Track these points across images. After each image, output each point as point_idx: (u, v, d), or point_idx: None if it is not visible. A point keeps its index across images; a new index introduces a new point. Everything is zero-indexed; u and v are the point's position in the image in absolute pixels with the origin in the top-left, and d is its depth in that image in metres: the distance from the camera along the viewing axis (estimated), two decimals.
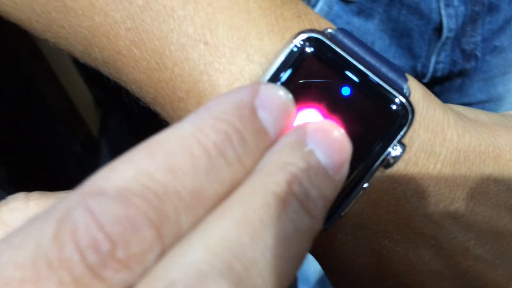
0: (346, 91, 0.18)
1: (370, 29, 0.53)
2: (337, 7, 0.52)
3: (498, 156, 0.20)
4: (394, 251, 0.20)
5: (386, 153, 0.18)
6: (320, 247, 0.20)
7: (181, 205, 0.12)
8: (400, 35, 0.54)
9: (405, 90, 0.18)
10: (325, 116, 0.18)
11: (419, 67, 0.58)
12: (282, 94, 0.15)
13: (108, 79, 0.22)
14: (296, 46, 0.18)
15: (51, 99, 1.16)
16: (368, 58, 0.18)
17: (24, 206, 0.17)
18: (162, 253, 0.12)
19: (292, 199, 0.13)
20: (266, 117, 0.14)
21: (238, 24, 0.18)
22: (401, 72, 0.18)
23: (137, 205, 0.11)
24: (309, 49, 0.18)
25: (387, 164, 0.18)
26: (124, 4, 0.19)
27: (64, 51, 0.22)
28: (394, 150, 0.18)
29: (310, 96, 0.18)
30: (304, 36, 0.18)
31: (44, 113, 1.14)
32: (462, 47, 0.56)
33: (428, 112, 0.19)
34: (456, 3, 0.53)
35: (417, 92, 0.19)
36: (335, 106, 0.18)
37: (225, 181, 0.13)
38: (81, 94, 1.30)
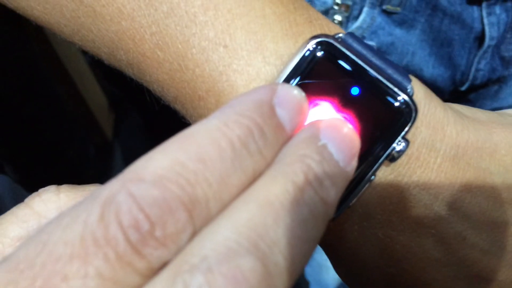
0: (355, 90, 0.19)
1: (411, 40, 0.53)
2: (380, 19, 0.51)
3: (494, 152, 0.21)
4: (397, 240, 0.21)
5: (391, 148, 0.19)
6: (328, 236, 0.22)
7: (210, 191, 0.13)
8: (440, 44, 0.54)
9: (409, 90, 0.20)
10: (337, 114, 0.19)
11: (458, 76, 0.57)
12: (297, 93, 0.16)
13: (123, 82, 0.23)
14: (309, 50, 0.19)
15: (67, 103, 1.16)
16: (375, 60, 0.20)
17: (56, 198, 0.18)
18: (193, 234, 0.13)
19: (308, 187, 0.14)
20: (283, 114, 0.15)
21: (255, 28, 0.20)
22: (405, 74, 0.20)
23: (172, 190, 0.13)
24: (320, 53, 0.19)
25: (392, 158, 0.19)
26: (150, 11, 0.20)
27: (87, 54, 0.24)
28: (399, 145, 0.19)
29: (322, 95, 0.19)
30: (316, 40, 0.19)
31: (61, 117, 1.14)
32: (502, 54, 0.56)
33: (429, 110, 0.20)
34: (498, 11, 0.53)
35: (419, 92, 0.21)
36: (345, 105, 0.19)
37: (248, 170, 0.14)
38: (95, 98, 1.30)
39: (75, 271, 0.12)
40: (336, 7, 0.50)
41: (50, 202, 0.18)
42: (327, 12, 0.51)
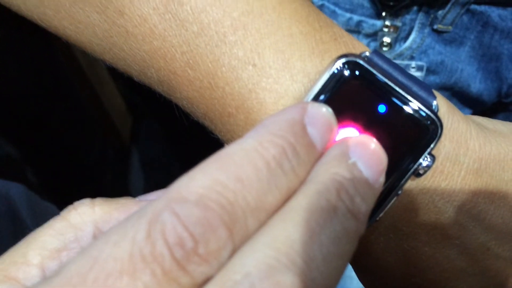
0: (382, 108, 0.20)
1: (461, 56, 0.51)
2: (430, 39, 0.50)
3: None
4: (422, 251, 0.21)
5: (418, 163, 0.19)
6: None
7: (248, 209, 0.14)
8: (489, 59, 0.53)
9: (434, 107, 0.20)
10: (364, 131, 0.19)
11: (504, 89, 0.56)
12: (326, 111, 0.17)
13: (141, 89, 0.24)
14: (336, 69, 0.19)
15: (87, 107, 1.16)
16: (401, 78, 0.20)
17: (91, 211, 0.18)
18: (233, 250, 0.14)
19: (341, 204, 0.15)
20: (314, 132, 0.16)
21: (283, 47, 0.20)
22: (430, 90, 0.20)
23: (214, 209, 0.13)
24: (348, 72, 0.19)
25: (418, 173, 0.20)
26: (181, 31, 0.21)
27: (104, 65, 0.24)
28: (425, 161, 0.19)
29: (350, 114, 0.19)
30: (344, 60, 0.19)
31: (80, 121, 1.14)
32: None
33: (452, 124, 0.21)
34: None
35: (443, 107, 0.21)
36: (373, 122, 0.19)
37: (283, 189, 0.15)
38: (114, 102, 1.30)
39: (125, 286, 0.12)
40: (385, 29, 0.49)
41: (85, 215, 0.18)
42: (376, 34, 0.49)
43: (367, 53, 0.20)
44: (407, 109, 0.19)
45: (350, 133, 0.19)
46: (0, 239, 0.47)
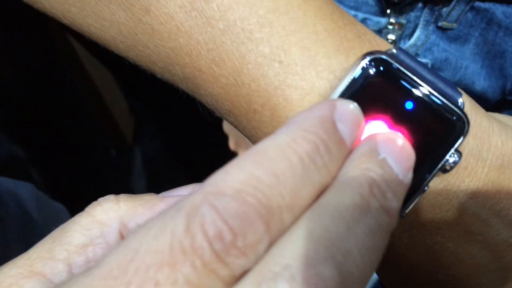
0: (409, 105, 0.20)
1: (465, 54, 0.52)
2: (434, 36, 0.50)
3: None
4: (445, 247, 0.21)
5: (445, 159, 0.20)
6: None
7: (283, 204, 0.14)
8: (493, 56, 0.53)
9: (460, 103, 0.20)
10: (391, 128, 0.20)
11: (508, 86, 0.56)
12: (354, 108, 0.17)
13: (143, 93, 0.25)
14: (364, 66, 0.19)
15: (90, 108, 1.16)
16: (426, 74, 0.20)
17: (116, 207, 0.19)
18: (270, 244, 0.14)
19: (373, 199, 0.15)
20: (343, 129, 0.16)
21: (308, 44, 0.20)
22: (455, 88, 0.20)
23: (251, 203, 0.14)
24: (375, 68, 0.19)
25: (445, 169, 0.20)
26: (207, 28, 0.21)
27: (106, 67, 0.24)
28: (452, 157, 0.20)
29: (378, 110, 0.20)
30: (371, 57, 0.20)
31: (83, 121, 1.15)
32: None
33: (475, 121, 0.21)
34: None
35: (466, 104, 0.21)
36: (401, 119, 0.20)
37: (316, 184, 0.15)
38: (116, 103, 1.30)
39: (166, 277, 0.13)
40: (390, 27, 0.49)
41: (111, 211, 0.18)
42: (381, 32, 0.50)
43: (394, 50, 0.20)
44: (434, 105, 0.20)
45: (378, 128, 0.19)
46: (11, 237, 0.47)
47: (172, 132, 1.30)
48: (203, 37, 0.21)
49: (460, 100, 0.20)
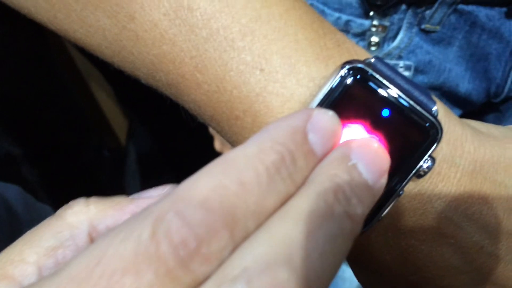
0: (385, 112, 0.20)
1: (448, 56, 0.52)
2: (418, 38, 0.50)
3: (508, 166, 0.23)
4: (419, 249, 0.22)
5: (419, 165, 0.20)
6: (355, 247, 0.22)
7: (248, 212, 0.14)
8: (477, 59, 0.53)
9: (434, 112, 0.21)
10: (367, 134, 0.20)
11: (493, 89, 0.56)
12: (330, 118, 0.17)
13: (135, 94, 0.24)
14: (342, 75, 0.20)
15: (83, 109, 1.17)
16: (403, 83, 0.21)
17: (86, 209, 0.19)
18: (234, 249, 0.14)
19: (337, 205, 0.15)
20: (315, 139, 0.16)
21: (289, 53, 0.21)
22: (429, 96, 0.21)
23: (217, 211, 0.14)
24: (353, 77, 0.20)
25: (419, 175, 0.21)
26: (190, 36, 0.21)
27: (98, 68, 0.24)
28: (426, 163, 0.20)
29: (354, 117, 0.20)
30: (349, 66, 0.20)
31: (77, 122, 1.15)
32: None
33: (449, 128, 0.22)
34: None
35: (440, 111, 0.22)
36: (377, 126, 0.20)
37: (281, 193, 0.15)
38: (110, 104, 1.30)
39: (129, 283, 0.13)
40: (373, 29, 0.49)
41: (81, 214, 0.19)
42: (364, 34, 0.50)
43: (372, 60, 0.21)
44: (410, 113, 0.20)
45: (357, 134, 0.20)
46: None
47: (165, 132, 1.30)
48: (186, 44, 0.21)
49: (434, 108, 0.21)
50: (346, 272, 0.90)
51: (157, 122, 1.27)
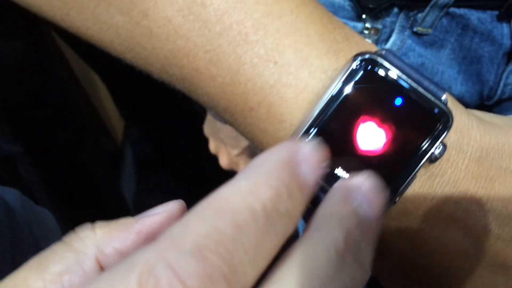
0: (398, 101, 0.21)
1: (441, 59, 0.52)
2: (410, 41, 0.50)
3: None
4: (430, 233, 0.23)
5: (432, 151, 0.21)
6: None
7: (246, 258, 0.13)
8: (470, 62, 0.53)
9: (443, 99, 0.21)
10: (382, 123, 0.21)
11: (485, 91, 0.57)
12: (316, 149, 0.17)
13: (132, 95, 0.24)
14: (356, 65, 0.21)
15: (81, 112, 1.17)
16: (413, 73, 0.21)
17: (92, 234, 0.18)
18: None
19: (348, 254, 0.15)
20: (306, 171, 0.16)
21: (301, 47, 0.22)
22: (438, 85, 0.22)
23: (212, 261, 0.13)
24: (366, 68, 0.21)
25: (431, 160, 0.21)
26: (204, 31, 0.22)
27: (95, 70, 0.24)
28: (438, 149, 0.21)
29: (369, 107, 0.21)
30: (362, 57, 0.21)
31: (74, 123, 1.15)
32: None
33: (456, 116, 0.22)
34: None
35: (448, 101, 0.22)
36: (391, 114, 0.21)
37: (279, 232, 0.14)
38: (106, 105, 1.30)
39: None
40: (366, 32, 0.49)
41: (87, 239, 0.18)
42: None
43: (382, 52, 0.22)
44: (421, 101, 0.21)
45: (369, 126, 0.21)
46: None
47: (162, 133, 1.30)
48: (200, 39, 0.22)
49: (443, 97, 0.22)
50: None
51: (153, 123, 1.27)
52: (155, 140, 1.35)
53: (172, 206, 0.19)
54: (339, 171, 0.21)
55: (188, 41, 0.22)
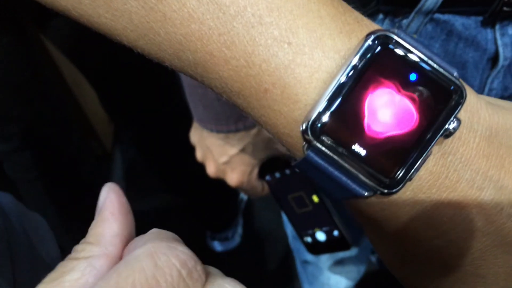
0: (413, 77, 0.22)
1: None
2: None
3: None
4: (444, 212, 0.23)
5: (446, 126, 0.22)
6: (381, 212, 0.24)
7: None
8: (455, 67, 0.54)
9: (455, 75, 0.22)
10: (397, 98, 0.22)
11: None
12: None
13: (120, 99, 0.24)
14: (369, 43, 0.22)
15: (70, 116, 1.16)
16: (425, 50, 0.22)
17: (89, 241, 0.21)
18: None
19: None
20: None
21: (314, 27, 0.22)
22: (449, 63, 0.22)
23: None
24: (380, 45, 0.22)
25: (446, 135, 0.22)
26: (218, 14, 0.22)
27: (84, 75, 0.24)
28: (453, 124, 0.22)
29: (383, 83, 0.22)
30: (377, 34, 0.22)
31: (63, 127, 1.14)
32: None
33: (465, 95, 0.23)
34: (510, 31, 0.53)
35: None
36: (406, 90, 0.22)
37: None
38: (95, 110, 1.30)
39: None
40: None
41: (88, 245, 0.20)
42: None
43: (395, 30, 0.22)
44: (435, 76, 0.22)
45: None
46: None
47: (151, 138, 1.29)
48: (214, 22, 0.22)
49: (455, 73, 0.22)
50: (332, 279, 0.91)
51: (143, 128, 1.27)
52: (145, 145, 1.35)
53: (108, 188, 0.22)
54: (356, 147, 0.22)
55: (202, 25, 0.22)
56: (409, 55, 0.22)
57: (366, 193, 0.23)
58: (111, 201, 0.22)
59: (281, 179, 0.63)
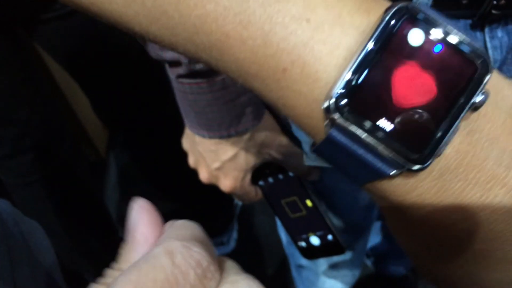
0: (438, 48, 0.21)
1: None
2: None
3: None
4: (472, 193, 0.22)
5: (474, 98, 0.21)
6: (407, 195, 0.23)
7: None
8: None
9: (480, 48, 0.21)
10: (423, 71, 0.21)
11: None
12: None
13: (113, 104, 0.23)
14: (391, 15, 0.21)
15: (63, 122, 1.16)
16: (447, 22, 0.21)
17: (116, 269, 0.20)
18: None
19: None
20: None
21: (332, 4, 0.22)
22: (471, 35, 0.22)
23: None
24: (403, 17, 0.21)
25: (475, 108, 0.21)
26: None
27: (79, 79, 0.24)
28: (480, 97, 0.21)
29: (408, 55, 0.21)
30: (397, 6, 0.21)
31: (58, 135, 1.14)
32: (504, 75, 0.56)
33: None
34: (499, 34, 0.53)
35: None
36: (431, 61, 0.21)
37: None
38: (89, 116, 1.30)
39: None
40: None
41: (116, 272, 0.20)
42: None
43: (415, 4, 0.22)
44: (460, 47, 0.21)
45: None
46: None
47: (146, 143, 1.29)
48: (230, 2, 0.21)
49: (479, 45, 0.21)
50: (326, 284, 0.91)
51: (137, 133, 1.27)
52: (139, 150, 1.35)
53: (140, 207, 0.21)
54: (381, 122, 0.21)
55: (217, 5, 0.22)
56: (433, 26, 0.21)
57: (393, 171, 0.22)
58: (144, 224, 0.21)
59: (274, 184, 0.63)
